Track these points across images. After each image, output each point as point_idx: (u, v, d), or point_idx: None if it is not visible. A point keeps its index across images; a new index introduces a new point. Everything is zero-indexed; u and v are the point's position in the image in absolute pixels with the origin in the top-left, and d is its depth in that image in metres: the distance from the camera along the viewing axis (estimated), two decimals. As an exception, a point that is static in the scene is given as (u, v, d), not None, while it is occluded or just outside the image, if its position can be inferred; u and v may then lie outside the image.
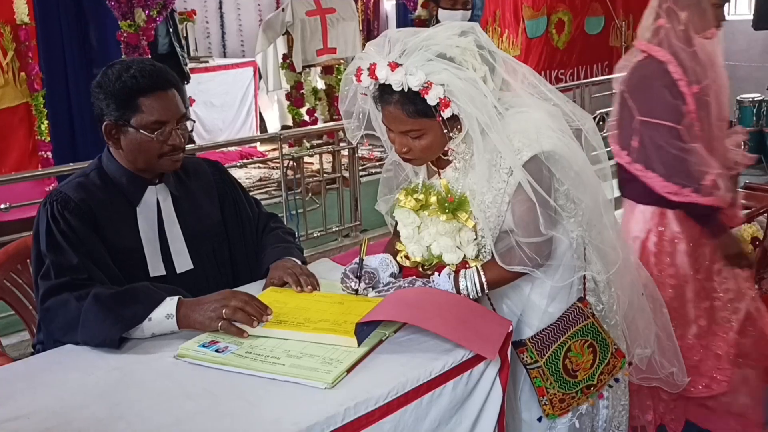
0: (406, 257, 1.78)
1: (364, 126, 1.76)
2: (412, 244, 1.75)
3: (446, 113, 1.57)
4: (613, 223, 1.77)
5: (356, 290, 1.70)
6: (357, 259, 1.75)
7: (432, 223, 1.71)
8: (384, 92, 1.60)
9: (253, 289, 1.79)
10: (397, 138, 1.65)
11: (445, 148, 1.67)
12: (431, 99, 1.55)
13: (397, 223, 1.82)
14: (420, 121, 1.60)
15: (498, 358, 1.47)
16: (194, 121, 1.83)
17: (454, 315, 1.50)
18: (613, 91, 2.42)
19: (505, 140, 1.60)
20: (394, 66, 1.55)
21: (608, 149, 1.98)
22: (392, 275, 1.79)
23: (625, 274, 1.83)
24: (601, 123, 6.09)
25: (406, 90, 1.56)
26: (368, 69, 1.59)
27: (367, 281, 1.71)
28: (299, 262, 1.88)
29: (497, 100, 1.62)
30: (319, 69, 6.33)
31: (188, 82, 5.91)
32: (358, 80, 1.63)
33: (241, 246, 1.98)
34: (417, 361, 1.41)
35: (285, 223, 4.04)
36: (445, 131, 1.61)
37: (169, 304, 1.55)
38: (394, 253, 1.82)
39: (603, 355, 1.77)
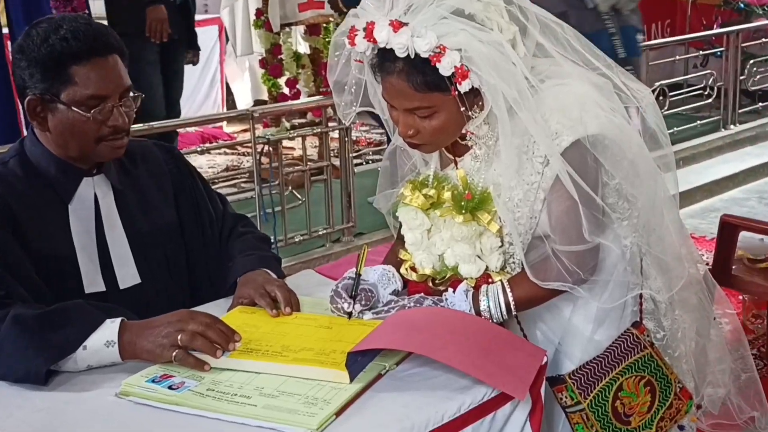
0: (412, 269, 1.79)
1: (359, 101, 1.76)
2: (420, 252, 1.76)
3: (464, 86, 1.57)
4: (677, 227, 1.77)
5: (349, 313, 1.70)
6: (350, 273, 1.76)
7: (445, 226, 1.71)
8: (385, 59, 1.60)
9: (217, 309, 1.79)
10: (401, 117, 1.66)
11: (463, 131, 1.67)
12: (444, 68, 1.55)
13: (401, 226, 1.82)
14: (430, 96, 1.60)
15: (529, 397, 1.47)
16: (142, 96, 1.84)
17: (473, 342, 1.51)
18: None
19: (539, 121, 1.60)
20: (397, 25, 1.55)
21: (671, 131, 1.99)
22: (395, 293, 1.80)
23: (692, 293, 1.83)
24: (662, 98, 6.11)
25: (412, 56, 1.56)
26: (364, 29, 1.59)
27: (363, 302, 1.71)
28: (275, 276, 1.88)
29: (530, 69, 1.62)
30: (301, 28, 6.32)
31: (196, 61, 5.21)
32: (352, 43, 1.63)
33: (201, 254, 1.98)
34: (425, 401, 1.41)
35: (258, 225, 4.11)
36: (463, 109, 1.61)
37: (110, 328, 1.55)
38: (397, 264, 1.83)
39: (664, 396, 1.77)
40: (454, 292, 1.70)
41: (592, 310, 1.76)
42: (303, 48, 6.40)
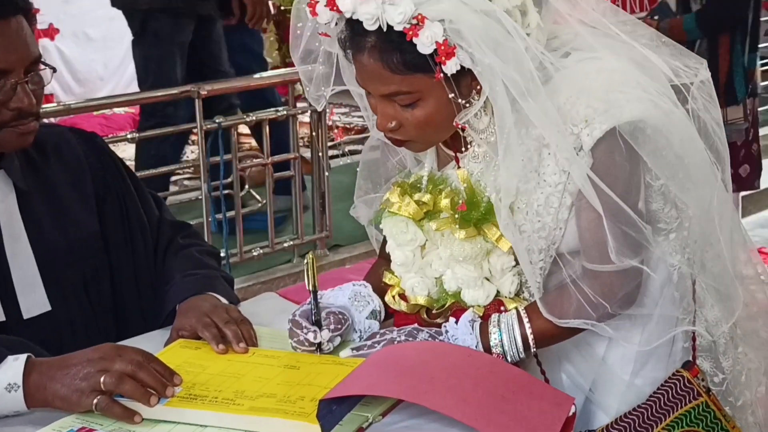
0: (402, 297, 1.79)
1: (332, 79, 1.77)
2: (412, 274, 1.76)
3: (449, 66, 1.57)
4: (740, 241, 1.78)
5: (318, 345, 1.71)
6: (310, 298, 1.75)
7: (444, 242, 1.72)
8: (355, 33, 1.62)
9: (151, 343, 1.79)
10: (378, 105, 1.67)
11: (456, 122, 1.66)
12: (423, 44, 1.55)
13: (385, 241, 1.82)
14: (411, 79, 1.60)
15: (551, 458, 1.48)
16: (54, 69, 1.84)
17: (481, 387, 1.51)
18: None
19: (550, 112, 1.60)
20: None
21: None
22: (374, 315, 1.80)
23: (760, 325, 1.84)
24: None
25: (385, 29, 1.57)
26: None
27: (333, 326, 1.72)
28: (225, 301, 1.88)
29: (545, 41, 1.63)
30: (263, -19, 6.34)
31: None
32: (313, 13, 1.64)
33: (128, 274, 1.99)
34: (419, 463, 1.42)
35: (205, 235, 4.09)
36: (452, 96, 1.62)
37: (13, 368, 1.55)
38: (381, 290, 1.83)
39: (722, 457, 1.79)
40: (456, 323, 1.70)
41: (632, 347, 1.76)
42: (265, 7, 6.40)
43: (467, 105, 1.64)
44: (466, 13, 1.55)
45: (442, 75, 1.58)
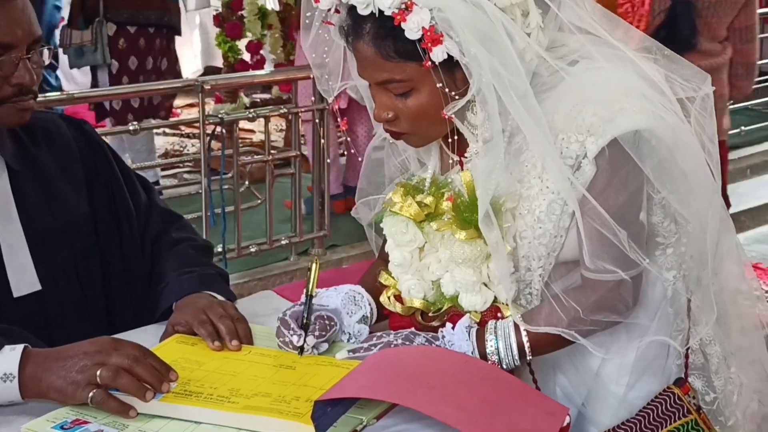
0: (397, 298, 1.79)
1: (341, 74, 1.78)
2: (409, 276, 1.76)
3: (436, 54, 1.58)
4: (736, 257, 1.78)
5: (300, 348, 1.71)
6: (303, 297, 1.76)
7: (443, 244, 1.72)
8: (354, 20, 1.64)
9: (146, 336, 1.79)
10: (375, 95, 1.69)
11: (443, 114, 1.66)
12: (411, 30, 1.57)
13: (385, 241, 1.83)
14: (403, 67, 1.62)
15: (543, 468, 1.48)
16: (51, 49, 1.86)
17: (476, 394, 1.52)
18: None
19: (540, 123, 1.60)
20: None
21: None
22: (364, 320, 1.81)
23: (753, 343, 1.84)
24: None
25: (377, 14, 1.59)
26: None
27: (317, 333, 1.72)
28: (221, 298, 1.89)
29: (554, 48, 1.64)
30: (270, -23, 6.34)
31: None
32: (316, 0, 1.66)
33: (117, 258, 2.00)
34: (411, 467, 1.42)
35: (203, 229, 4.09)
36: (439, 85, 1.62)
37: (9, 358, 1.56)
38: (376, 290, 1.84)
39: (711, 476, 1.79)
40: (453, 328, 1.70)
41: (628, 359, 1.77)
42: (271, 3, 6.38)
43: (457, 97, 1.65)
44: (456, 3, 1.56)
45: (430, 63, 1.59)
